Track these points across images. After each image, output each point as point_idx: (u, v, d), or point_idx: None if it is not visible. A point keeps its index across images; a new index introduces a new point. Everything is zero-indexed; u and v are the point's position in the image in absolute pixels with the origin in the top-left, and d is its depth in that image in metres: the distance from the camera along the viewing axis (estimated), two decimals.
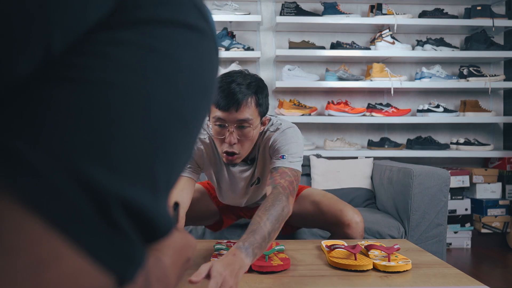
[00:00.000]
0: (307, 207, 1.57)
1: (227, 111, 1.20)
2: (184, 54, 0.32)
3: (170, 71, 0.31)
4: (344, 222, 1.48)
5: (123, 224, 0.26)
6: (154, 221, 0.29)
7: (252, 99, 1.22)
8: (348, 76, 2.95)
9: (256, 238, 1.03)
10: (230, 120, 1.21)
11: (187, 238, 0.48)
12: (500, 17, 2.97)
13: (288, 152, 1.29)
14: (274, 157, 1.30)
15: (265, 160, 1.40)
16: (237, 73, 1.24)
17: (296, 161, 1.30)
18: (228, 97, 1.19)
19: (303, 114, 2.93)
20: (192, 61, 0.33)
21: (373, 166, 2.50)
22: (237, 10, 2.93)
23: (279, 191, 1.19)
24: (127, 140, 0.27)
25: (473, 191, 3.01)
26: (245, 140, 1.25)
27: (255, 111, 1.24)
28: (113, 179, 0.26)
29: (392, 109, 2.99)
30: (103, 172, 0.26)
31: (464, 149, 2.96)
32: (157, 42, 0.30)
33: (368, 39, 3.16)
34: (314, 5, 3.09)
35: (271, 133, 1.34)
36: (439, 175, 1.96)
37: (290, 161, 1.28)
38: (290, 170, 1.26)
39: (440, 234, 1.95)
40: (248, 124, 1.23)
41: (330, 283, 1.02)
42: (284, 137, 1.32)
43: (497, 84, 2.96)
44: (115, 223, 0.26)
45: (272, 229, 1.09)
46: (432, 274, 1.08)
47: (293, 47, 2.94)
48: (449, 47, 3.02)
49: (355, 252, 1.13)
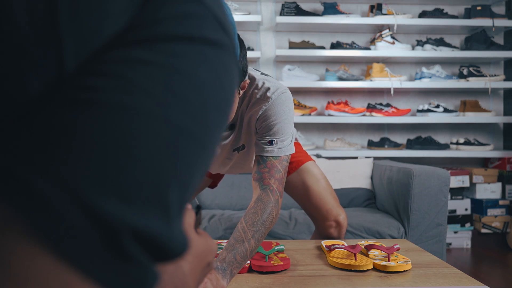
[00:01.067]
0: (297, 185, 1.49)
1: None
2: (202, 72, 0.31)
3: (186, 91, 0.30)
4: (327, 224, 1.48)
5: (134, 253, 0.26)
6: (167, 245, 0.29)
7: None
8: (348, 76, 2.95)
9: (237, 257, 0.97)
10: None
11: (207, 242, 0.47)
12: (500, 17, 2.97)
13: (278, 134, 1.16)
14: (262, 139, 1.18)
15: (251, 132, 1.26)
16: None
17: (287, 142, 1.18)
18: None
19: (303, 114, 2.93)
20: (210, 79, 0.32)
21: (373, 166, 2.50)
22: (237, 10, 2.93)
23: (268, 199, 1.10)
24: (141, 168, 0.27)
25: (473, 191, 3.01)
26: None
27: None
28: (126, 210, 0.26)
29: (392, 109, 2.99)
30: (115, 204, 0.25)
31: (464, 149, 2.96)
32: (175, 61, 0.29)
33: (368, 39, 3.16)
34: (314, 5, 3.09)
35: (259, 102, 1.18)
36: (439, 175, 1.96)
37: (280, 147, 1.16)
38: (280, 161, 1.16)
39: (440, 234, 1.95)
40: None
41: (330, 283, 1.02)
42: (274, 112, 1.16)
43: (497, 84, 2.96)
44: (126, 253, 0.26)
45: (256, 246, 1.03)
46: (432, 274, 1.08)
47: (293, 47, 2.95)
48: (449, 47, 3.02)
49: (355, 252, 1.13)
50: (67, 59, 0.26)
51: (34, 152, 0.24)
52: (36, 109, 0.26)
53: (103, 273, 0.25)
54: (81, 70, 0.27)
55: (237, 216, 2.08)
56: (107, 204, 0.25)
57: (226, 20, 0.35)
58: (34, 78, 0.26)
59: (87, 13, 0.27)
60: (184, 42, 0.30)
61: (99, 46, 0.28)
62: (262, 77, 1.23)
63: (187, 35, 0.31)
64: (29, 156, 0.24)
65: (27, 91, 0.26)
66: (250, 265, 1.11)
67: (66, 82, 0.27)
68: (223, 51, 0.33)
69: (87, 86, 0.26)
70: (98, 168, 0.25)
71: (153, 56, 0.29)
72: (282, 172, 1.16)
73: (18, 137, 0.25)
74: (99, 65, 0.27)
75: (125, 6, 0.28)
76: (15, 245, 0.23)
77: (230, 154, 1.39)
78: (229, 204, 2.41)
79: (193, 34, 0.31)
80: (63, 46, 0.26)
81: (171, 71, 0.29)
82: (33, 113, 0.26)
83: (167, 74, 0.29)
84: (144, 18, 0.29)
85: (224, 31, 0.34)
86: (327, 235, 1.50)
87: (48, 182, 0.24)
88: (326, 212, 1.47)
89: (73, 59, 0.27)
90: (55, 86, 0.26)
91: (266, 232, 1.07)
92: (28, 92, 0.26)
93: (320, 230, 1.53)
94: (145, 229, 0.26)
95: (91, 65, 0.27)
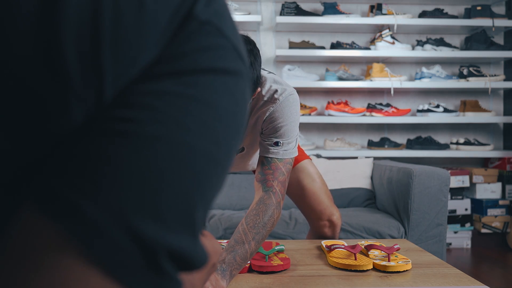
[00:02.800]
0: (292, 182, 1.46)
1: None
2: (223, 101, 0.33)
3: (210, 120, 0.32)
4: (320, 223, 1.49)
5: (168, 270, 0.29)
6: (193, 259, 0.32)
7: None
8: (348, 76, 2.95)
9: (237, 259, 0.98)
10: None
11: (213, 244, 0.51)
12: (500, 17, 2.97)
13: (284, 136, 1.17)
14: (267, 139, 1.18)
15: (256, 131, 1.25)
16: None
17: (292, 145, 1.19)
18: None
19: (303, 114, 2.93)
20: (229, 106, 0.34)
21: (373, 166, 2.50)
22: (237, 10, 2.93)
23: (270, 201, 1.11)
24: (173, 192, 0.29)
25: (473, 191, 3.01)
26: None
27: None
28: (161, 231, 0.28)
29: (392, 109, 2.99)
30: (153, 225, 0.28)
31: (464, 149, 2.96)
32: (199, 92, 0.32)
33: (368, 39, 3.16)
34: (314, 5, 3.09)
35: (266, 104, 1.18)
36: (439, 175, 1.96)
37: (285, 150, 1.17)
38: (284, 163, 1.17)
39: (440, 234, 1.95)
40: None
41: (330, 283, 1.02)
42: (281, 114, 1.16)
43: (497, 84, 2.96)
44: (162, 270, 0.29)
45: (256, 248, 1.04)
46: (432, 274, 1.08)
47: (293, 47, 2.95)
48: (449, 47, 3.02)
49: (355, 252, 1.13)
50: (107, 90, 0.28)
51: (81, 179, 0.27)
52: (77, 138, 0.28)
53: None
54: (117, 100, 0.29)
55: (237, 216, 2.08)
56: (147, 227, 0.27)
57: (243, 49, 0.37)
58: (78, 109, 0.28)
59: (127, 45, 0.28)
60: (208, 74, 0.33)
61: (134, 77, 0.30)
62: (270, 76, 1.22)
63: (210, 67, 0.33)
64: (78, 182, 0.27)
65: (72, 122, 0.28)
66: (250, 265, 1.11)
67: (104, 112, 0.29)
68: (241, 79, 0.36)
69: (123, 117, 0.28)
70: (137, 194, 0.27)
71: (180, 88, 0.31)
72: (286, 175, 1.16)
73: (63, 164, 0.27)
74: (133, 97, 0.29)
75: (157, 39, 0.30)
76: (73, 266, 0.26)
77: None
78: (229, 204, 2.41)
79: (216, 66, 0.33)
80: (104, 78, 0.28)
81: (197, 102, 0.31)
82: (75, 141, 0.28)
83: (194, 105, 0.31)
84: (171, 51, 0.31)
85: (241, 60, 0.36)
86: (321, 234, 1.51)
87: (97, 208, 0.26)
88: (320, 212, 1.48)
89: (111, 90, 0.29)
90: (94, 116, 0.29)
91: (266, 234, 1.07)
92: (73, 123, 0.28)
93: (314, 229, 1.54)
94: (177, 247, 0.29)
95: (126, 96, 0.29)
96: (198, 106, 0.31)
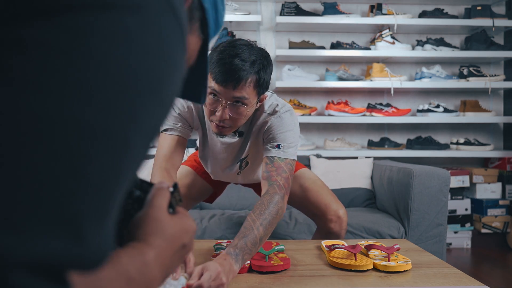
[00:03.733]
0: (295, 189, 1.53)
1: (224, 86, 1.11)
2: (120, 51, 0.25)
3: (97, 85, 0.24)
4: (327, 218, 1.50)
5: (25, 284, 0.23)
6: (77, 263, 0.25)
7: (252, 79, 1.13)
8: (348, 76, 2.95)
9: (247, 244, 1.05)
10: (226, 96, 1.13)
11: (182, 223, 0.44)
12: (500, 17, 2.97)
13: (284, 141, 1.26)
14: (269, 143, 1.27)
15: (258, 145, 1.35)
16: (244, 46, 1.13)
17: (292, 150, 1.27)
18: (228, 72, 1.09)
19: (303, 114, 2.93)
20: (135, 57, 0.26)
21: (373, 166, 2.50)
22: (237, 10, 2.93)
23: (275, 191, 1.18)
24: (31, 186, 0.22)
25: (473, 191, 3.01)
26: (239, 118, 1.17)
27: (253, 91, 1.15)
28: (12, 240, 0.22)
29: (392, 109, 2.99)
30: (4, 236, 0.22)
31: (464, 149, 2.96)
32: (83, 41, 0.23)
33: (368, 39, 3.16)
34: (314, 5, 3.09)
35: (268, 116, 1.29)
36: (439, 175, 1.96)
37: (285, 151, 1.25)
38: (286, 163, 1.24)
39: (440, 234, 1.95)
40: (243, 103, 1.15)
41: (330, 283, 1.02)
42: (281, 123, 1.27)
43: (497, 84, 2.96)
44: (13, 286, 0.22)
45: (265, 234, 1.10)
46: (432, 274, 1.08)
47: (293, 47, 2.94)
48: (449, 47, 3.02)
49: (355, 252, 1.13)
50: None
51: None
52: None
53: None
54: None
55: (237, 216, 2.08)
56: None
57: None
58: None
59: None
60: (89, 11, 0.23)
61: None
62: (273, 95, 1.34)
63: (92, 2, 0.23)
64: None
65: None
66: (250, 265, 1.11)
67: None
68: (151, 16, 0.27)
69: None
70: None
71: (51, 36, 0.22)
72: (288, 173, 1.24)
73: None
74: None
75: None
76: None
77: (233, 166, 1.45)
78: (229, 204, 2.41)
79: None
80: None
81: (75, 59, 0.23)
82: None
83: (68, 64, 0.22)
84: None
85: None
86: (328, 230, 1.51)
87: None
88: (325, 207, 1.50)
89: None
90: None
91: (273, 222, 1.14)
92: None
93: (321, 226, 1.54)
94: (42, 256, 0.22)
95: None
96: (77, 67, 0.22)
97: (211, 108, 1.17)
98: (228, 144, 1.36)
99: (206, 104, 1.18)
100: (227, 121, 1.17)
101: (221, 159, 1.42)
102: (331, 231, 1.50)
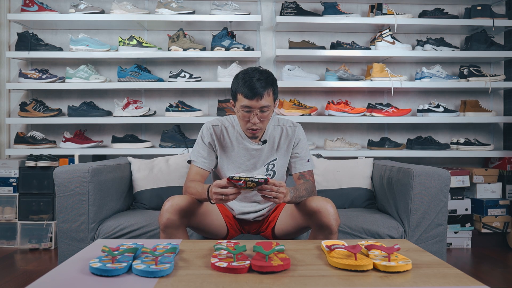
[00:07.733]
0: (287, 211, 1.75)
1: (253, 100, 1.60)
2: None
3: None
4: (314, 210, 1.54)
5: None
6: None
7: (270, 90, 1.63)
8: (348, 76, 2.95)
9: (297, 188, 1.60)
10: (255, 107, 1.62)
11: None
12: (500, 17, 2.97)
13: (309, 156, 1.80)
14: (300, 158, 1.78)
15: (287, 150, 1.80)
16: (255, 71, 1.64)
17: (311, 162, 1.81)
18: (253, 89, 1.59)
19: (303, 114, 2.93)
20: None
21: (373, 166, 2.50)
22: (237, 10, 2.93)
23: (310, 183, 1.72)
24: None
25: (473, 191, 3.01)
26: (265, 120, 1.67)
27: (271, 98, 1.65)
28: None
29: (392, 109, 2.99)
30: None
31: (464, 149, 2.96)
32: None
33: (368, 39, 3.16)
34: (314, 5, 3.09)
35: (286, 123, 1.82)
36: (439, 175, 1.96)
37: (312, 164, 1.80)
38: (311, 172, 1.79)
39: (440, 234, 1.95)
40: (267, 109, 1.64)
41: (330, 283, 1.02)
42: (303, 137, 1.82)
43: (497, 84, 2.96)
44: None
45: (305, 192, 1.63)
46: (432, 274, 1.08)
47: (293, 47, 2.94)
48: (449, 47, 3.02)
49: (355, 252, 1.13)
50: None
51: None
52: None
53: None
54: None
55: None
56: None
57: None
58: None
59: None
60: None
61: None
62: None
63: None
64: None
65: None
66: (250, 265, 1.11)
67: None
68: None
69: None
70: None
71: None
72: (312, 176, 1.78)
73: None
74: None
75: None
76: None
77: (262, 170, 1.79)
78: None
79: None
80: None
81: None
82: None
83: None
84: None
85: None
86: (318, 222, 1.54)
87: None
88: (311, 201, 1.58)
89: None
90: None
91: (311, 188, 1.69)
92: None
93: (312, 223, 1.58)
94: None
95: None
96: None
97: (245, 119, 1.65)
98: (256, 149, 1.77)
99: (241, 118, 1.66)
100: (258, 124, 1.65)
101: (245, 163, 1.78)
102: (321, 223, 1.53)
